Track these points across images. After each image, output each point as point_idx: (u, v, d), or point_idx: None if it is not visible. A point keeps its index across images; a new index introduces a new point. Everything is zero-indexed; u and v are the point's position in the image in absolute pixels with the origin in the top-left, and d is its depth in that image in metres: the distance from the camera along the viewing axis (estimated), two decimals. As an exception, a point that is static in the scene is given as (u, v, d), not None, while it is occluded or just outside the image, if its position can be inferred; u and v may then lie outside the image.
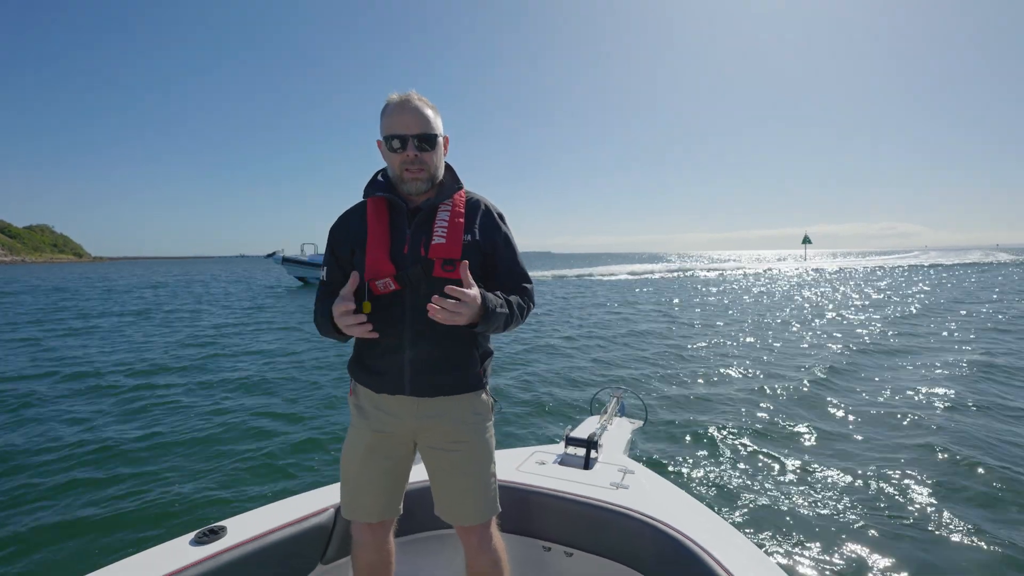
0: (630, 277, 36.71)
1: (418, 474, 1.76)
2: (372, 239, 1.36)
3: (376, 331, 1.31)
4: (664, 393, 6.35)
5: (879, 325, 11.82)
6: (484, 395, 1.48)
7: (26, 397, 6.25)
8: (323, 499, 1.71)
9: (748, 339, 10.32)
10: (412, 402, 1.40)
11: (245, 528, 1.51)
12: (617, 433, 2.53)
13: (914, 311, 14.40)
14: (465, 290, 1.22)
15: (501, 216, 1.48)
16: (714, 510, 1.83)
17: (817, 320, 13.01)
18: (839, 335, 10.56)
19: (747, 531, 3.13)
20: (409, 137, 1.32)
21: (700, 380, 7.00)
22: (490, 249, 1.42)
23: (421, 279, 1.34)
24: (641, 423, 3.01)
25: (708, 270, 45.99)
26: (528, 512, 1.82)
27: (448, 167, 1.48)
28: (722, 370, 7.60)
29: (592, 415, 2.76)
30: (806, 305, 16.72)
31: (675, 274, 40.77)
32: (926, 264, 51.37)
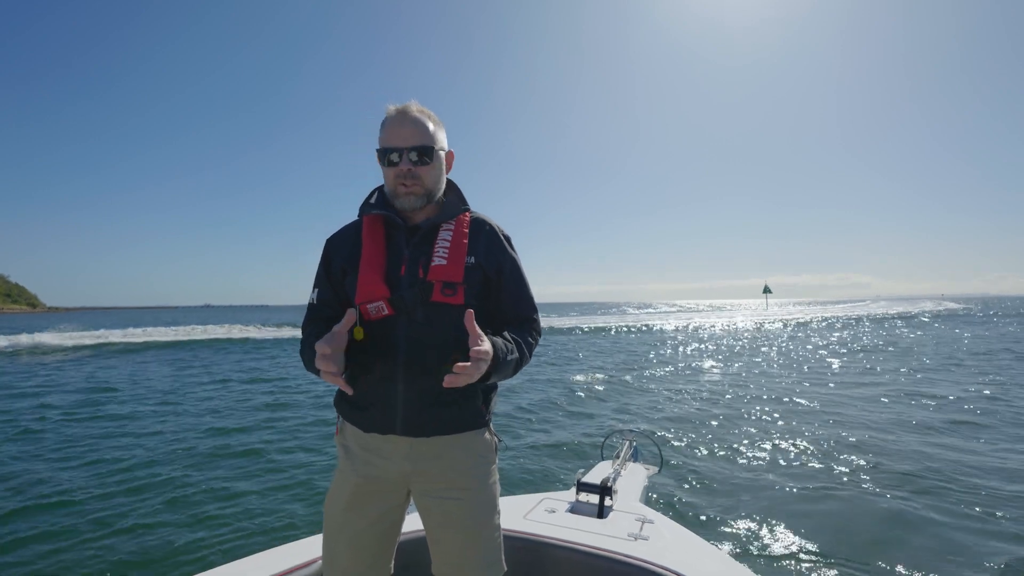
0: (617, 324, 36.80)
1: (416, 522, 1.68)
2: (366, 259, 1.32)
3: (365, 362, 1.25)
4: (678, 438, 6.25)
5: (897, 368, 11.88)
6: (487, 434, 1.41)
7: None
8: (313, 549, 1.62)
9: (758, 384, 10.34)
10: (405, 442, 1.32)
11: None
12: (632, 480, 2.45)
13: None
14: (483, 348, 1.15)
15: (508, 239, 1.43)
16: (745, 564, 1.74)
17: (830, 365, 13.06)
18: (856, 382, 10.58)
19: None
20: (404, 150, 1.29)
21: (716, 426, 6.91)
22: (495, 274, 1.37)
23: (417, 303, 1.29)
24: (656, 469, 2.93)
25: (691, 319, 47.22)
26: (538, 566, 1.73)
27: (453, 185, 1.45)
28: (739, 415, 7.55)
29: (604, 460, 2.68)
30: (806, 351, 16.82)
31: (679, 322, 41.22)
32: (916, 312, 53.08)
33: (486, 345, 1.17)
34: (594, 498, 2.02)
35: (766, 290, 65.09)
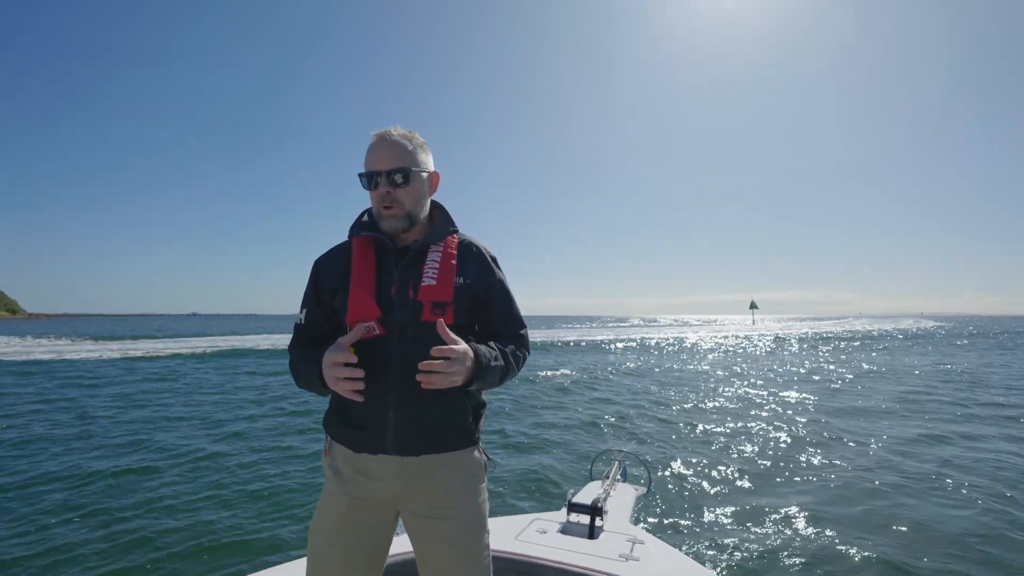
0: (600, 339, 36.74)
1: (403, 544, 1.68)
2: (356, 279, 1.34)
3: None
4: (665, 458, 6.28)
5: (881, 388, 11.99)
6: (477, 452, 1.43)
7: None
8: (295, 573, 1.62)
9: (746, 403, 10.40)
10: (395, 462, 1.33)
11: None
12: (621, 500, 2.47)
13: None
14: (453, 346, 1.20)
15: (495, 259, 1.49)
16: None
17: (811, 382, 13.16)
18: (836, 396, 10.66)
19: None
20: (380, 173, 1.33)
21: (702, 444, 6.95)
22: (483, 293, 1.41)
23: (409, 323, 1.32)
24: (645, 489, 2.95)
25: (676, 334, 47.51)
26: None
27: (440, 208, 1.49)
28: (726, 433, 7.60)
29: (593, 480, 2.70)
30: (791, 368, 16.94)
31: (661, 337, 41.35)
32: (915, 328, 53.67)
33: (458, 345, 1.22)
34: (585, 518, 2.04)
35: (753, 306, 66.01)
